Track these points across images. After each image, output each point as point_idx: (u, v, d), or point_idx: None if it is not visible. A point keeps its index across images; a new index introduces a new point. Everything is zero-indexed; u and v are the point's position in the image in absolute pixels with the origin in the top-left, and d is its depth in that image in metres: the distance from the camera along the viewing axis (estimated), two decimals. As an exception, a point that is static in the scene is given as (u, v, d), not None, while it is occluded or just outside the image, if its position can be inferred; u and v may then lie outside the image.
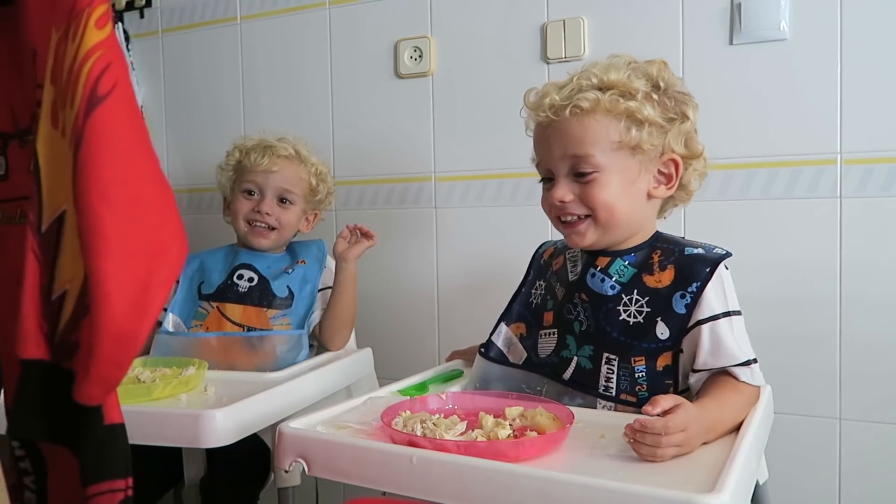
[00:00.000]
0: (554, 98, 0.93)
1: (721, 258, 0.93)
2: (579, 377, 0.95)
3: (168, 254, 0.49)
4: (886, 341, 1.23)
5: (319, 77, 1.66)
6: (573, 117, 0.92)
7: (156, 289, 0.47)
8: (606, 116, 0.91)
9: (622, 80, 0.92)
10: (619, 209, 0.94)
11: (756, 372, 0.90)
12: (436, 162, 1.56)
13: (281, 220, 1.40)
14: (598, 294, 0.96)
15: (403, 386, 1.05)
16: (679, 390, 0.92)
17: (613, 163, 0.92)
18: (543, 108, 0.94)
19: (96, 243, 0.46)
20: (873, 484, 1.26)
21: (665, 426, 0.73)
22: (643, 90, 0.92)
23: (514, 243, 1.49)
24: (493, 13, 1.50)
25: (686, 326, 0.90)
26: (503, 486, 0.69)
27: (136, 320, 0.46)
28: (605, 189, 0.93)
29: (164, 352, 1.29)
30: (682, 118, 0.95)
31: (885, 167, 1.22)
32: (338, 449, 0.80)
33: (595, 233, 0.95)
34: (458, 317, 1.55)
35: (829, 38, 1.25)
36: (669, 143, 0.94)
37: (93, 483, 0.54)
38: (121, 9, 1.83)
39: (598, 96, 0.91)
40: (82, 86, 0.47)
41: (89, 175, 0.47)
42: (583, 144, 0.92)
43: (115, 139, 0.48)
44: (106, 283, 0.45)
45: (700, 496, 0.62)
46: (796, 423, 1.29)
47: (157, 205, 0.50)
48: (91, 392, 0.49)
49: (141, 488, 1.30)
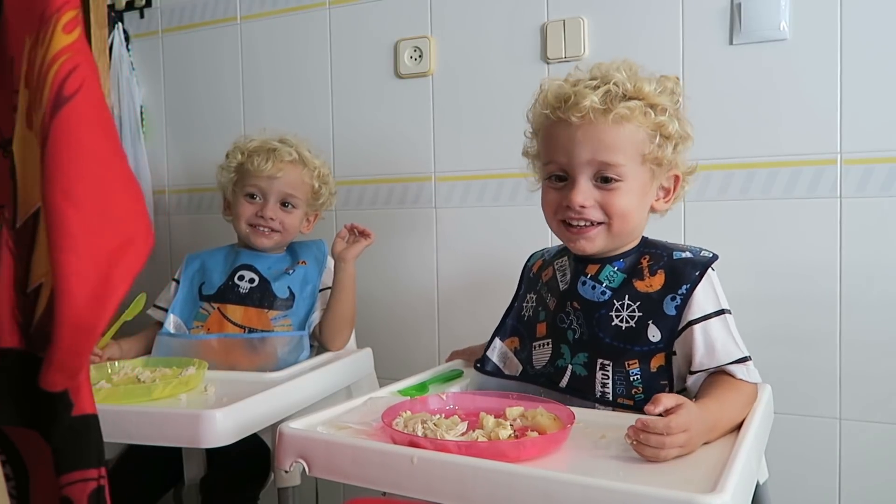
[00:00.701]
0: (594, 101, 0.90)
1: (710, 261, 0.94)
2: (575, 384, 0.96)
3: (132, 246, 0.51)
4: (886, 341, 1.23)
5: (320, 77, 1.66)
6: (613, 124, 0.90)
7: (116, 282, 0.49)
8: (639, 128, 0.91)
9: (652, 94, 0.92)
10: (633, 219, 0.95)
11: (752, 369, 0.91)
12: (436, 162, 1.56)
13: (284, 223, 1.40)
14: (589, 301, 0.97)
15: (403, 386, 1.05)
16: (675, 391, 0.92)
17: (637, 173, 0.93)
18: (580, 109, 0.90)
19: (59, 238, 0.48)
20: (873, 484, 1.26)
21: (667, 426, 0.73)
22: (670, 106, 0.93)
23: (514, 243, 1.49)
24: (493, 13, 1.50)
25: (677, 328, 0.91)
26: (504, 486, 0.69)
27: (95, 312, 0.48)
28: (625, 198, 0.93)
29: (166, 353, 1.30)
30: (688, 137, 0.97)
31: (885, 167, 1.22)
32: (338, 449, 0.80)
33: (605, 240, 0.95)
34: (458, 317, 1.55)
35: (829, 38, 1.25)
36: (677, 159, 0.96)
37: (65, 472, 0.56)
38: (121, 9, 1.83)
39: (636, 106, 0.91)
40: (49, 87, 0.50)
41: (53, 172, 0.49)
42: (615, 152, 0.91)
43: (80, 137, 0.50)
44: (68, 276, 0.47)
45: (701, 496, 0.62)
46: (796, 422, 1.29)
47: (122, 200, 0.52)
48: (53, 379, 0.51)
49: (141, 488, 1.31)
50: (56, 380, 0.51)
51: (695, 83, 1.33)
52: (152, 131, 1.86)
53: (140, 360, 1.26)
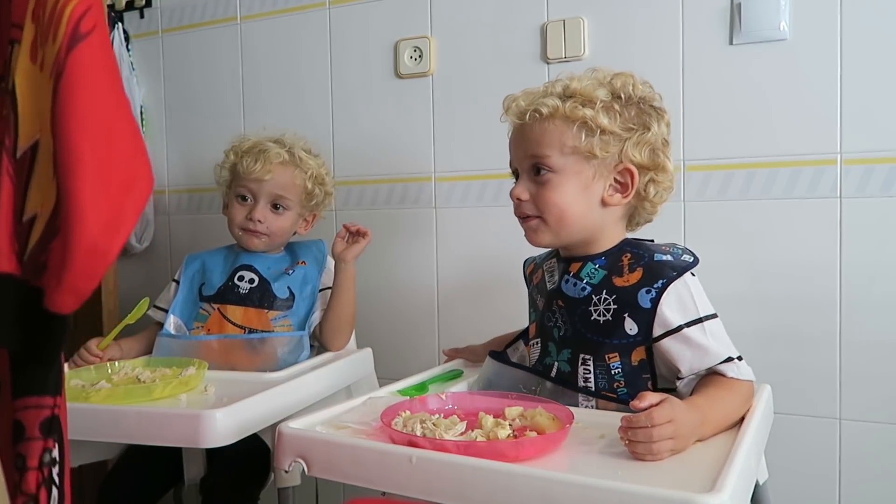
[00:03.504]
0: (520, 103, 1.00)
1: (688, 266, 0.94)
2: (560, 380, 0.98)
3: (139, 182, 0.54)
4: (886, 341, 1.23)
5: (319, 77, 1.66)
6: (534, 121, 0.98)
7: (128, 212, 0.52)
8: (564, 122, 0.96)
9: (584, 89, 0.97)
10: (570, 212, 0.97)
11: (743, 367, 0.91)
12: (436, 162, 1.56)
13: (272, 227, 1.39)
14: (572, 298, 0.99)
15: (403, 386, 1.06)
16: (659, 387, 0.93)
17: (568, 166, 0.96)
18: (511, 111, 1.01)
19: (73, 166, 0.50)
20: (873, 484, 1.26)
21: (650, 417, 0.74)
22: (603, 100, 0.96)
23: (514, 243, 1.48)
24: (493, 13, 1.50)
25: (652, 321, 0.91)
26: (503, 486, 0.69)
27: (109, 237, 0.51)
28: (557, 191, 0.97)
29: (166, 354, 1.30)
30: (642, 129, 0.97)
31: (885, 167, 1.22)
32: (338, 449, 0.80)
33: (548, 233, 0.99)
34: (458, 317, 1.55)
35: (829, 38, 1.25)
36: (627, 152, 0.96)
37: (20, 396, 0.58)
38: (121, 9, 1.83)
39: (557, 103, 0.96)
40: (65, 24, 0.52)
41: (69, 105, 0.51)
42: (540, 146, 0.97)
43: (94, 75, 0.53)
44: (83, 201, 0.50)
45: (700, 496, 0.62)
46: (796, 423, 1.29)
47: (129, 138, 0.55)
48: (64, 300, 0.53)
49: (141, 488, 1.31)
50: (66, 301, 0.52)
51: (695, 83, 1.34)
52: (152, 131, 1.86)
53: (140, 360, 1.27)
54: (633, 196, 0.98)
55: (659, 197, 1.01)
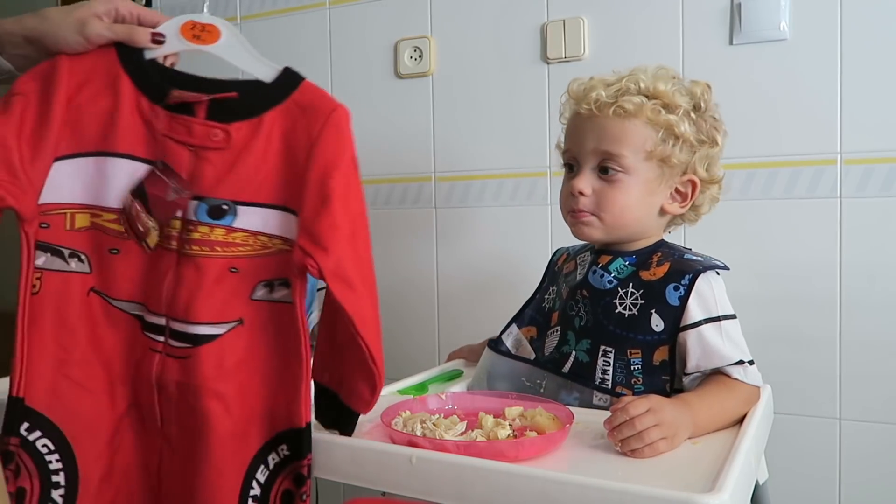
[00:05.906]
0: (600, 93, 0.95)
1: (717, 266, 0.95)
2: (577, 370, 0.97)
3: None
4: (886, 341, 1.23)
5: (319, 77, 1.66)
6: (615, 116, 0.94)
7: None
8: (646, 124, 0.93)
9: (667, 92, 0.94)
10: (631, 216, 0.96)
11: (750, 371, 0.90)
12: (436, 162, 1.56)
13: None
14: (597, 289, 0.98)
15: (403, 386, 1.06)
16: (675, 388, 0.92)
17: (640, 169, 0.94)
18: (588, 101, 0.95)
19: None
20: (873, 484, 1.25)
21: (626, 411, 0.75)
22: (684, 107, 0.94)
23: (514, 243, 1.49)
24: (492, 13, 1.50)
25: (679, 318, 0.91)
26: (503, 486, 0.69)
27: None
28: (624, 192, 0.95)
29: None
30: (711, 142, 0.97)
31: (885, 167, 1.22)
32: (337, 449, 0.80)
33: (601, 230, 0.97)
34: (458, 317, 1.55)
35: (829, 38, 1.25)
36: (694, 163, 0.96)
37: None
38: (121, 9, 1.83)
39: (643, 102, 0.93)
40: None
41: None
42: (618, 143, 0.94)
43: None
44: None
45: (699, 496, 0.62)
46: (796, 423, 1.29)
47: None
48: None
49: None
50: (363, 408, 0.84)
51: (695, 83, 1.33)
52: (152, 131, 1.85)
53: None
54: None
55: (706, 208, 1.01)
